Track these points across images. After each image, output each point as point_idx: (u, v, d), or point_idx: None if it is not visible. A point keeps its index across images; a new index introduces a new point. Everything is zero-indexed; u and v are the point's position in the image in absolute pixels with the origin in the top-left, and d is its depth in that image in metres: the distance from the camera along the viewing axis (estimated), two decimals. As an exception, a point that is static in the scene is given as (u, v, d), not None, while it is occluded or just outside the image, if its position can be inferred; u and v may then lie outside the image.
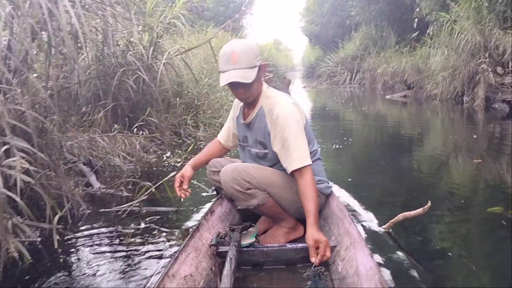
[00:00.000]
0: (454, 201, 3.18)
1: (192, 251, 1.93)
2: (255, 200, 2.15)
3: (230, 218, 2.50)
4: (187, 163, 2.55)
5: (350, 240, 1.92)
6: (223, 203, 2.57)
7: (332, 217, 2.28)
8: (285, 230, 2.29)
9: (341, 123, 8.61)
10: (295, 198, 2.14)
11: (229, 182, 2.13)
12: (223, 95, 7.73)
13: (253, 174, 2.15)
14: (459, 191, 3.51)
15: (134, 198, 3.17)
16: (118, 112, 5.10)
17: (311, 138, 2.32)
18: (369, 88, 18.01)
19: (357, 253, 1.79)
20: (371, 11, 20.50)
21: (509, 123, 7.03)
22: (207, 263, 1.95)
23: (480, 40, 9.01)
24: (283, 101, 2.21)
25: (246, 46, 2.12)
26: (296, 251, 2.01)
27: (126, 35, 5.06)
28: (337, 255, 1.96)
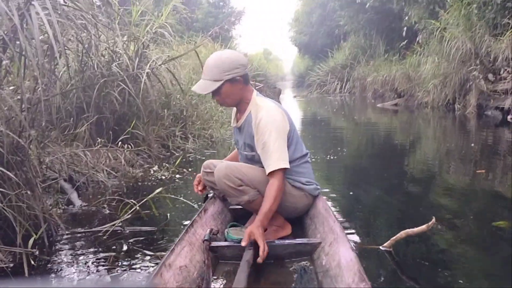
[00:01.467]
0: (457, 215, 3.02)
1: (187, 245, 2.07)
2: (246, 197, 2.31)
3: (222, 217, 2.68)
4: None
5: (334, 236, 2.05)
6: (215, 203, 2.74)
7: (318, 216, 2.41)
8: (273, 228, 2.41)
9: (333, 133, 8.48)
10: (285, 198, 2.33)
11: (222, 178, 2.29)
12: (213, 106, 7.56)
13: (245, 172, 2.31)
14: (462, 204, 3.36)
15: (117, 216, 2.97)
16: (103, 125, 4.91)
17: (299, 143, 2.49)
18: (360, 97, 17.97)
19: (339, 247, 1.92)
20: (360, 20, 20.56)
21: (503, 131, 6.95)
22: (200, 257, 2.08)
23: (470, 47, 8.96)
24: (268, 108, 2.37)
25: (218, 60, 2.31)
26: (283, 247, 2.17)
27: (111, 45, 4.89)
28: (321, 250, 2.09)
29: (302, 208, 2.53)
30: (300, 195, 2.46)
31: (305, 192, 2.48)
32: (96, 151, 4.35)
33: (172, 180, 4.22)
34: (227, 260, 2.18)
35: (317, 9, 28.85)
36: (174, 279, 1.80)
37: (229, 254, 2.18)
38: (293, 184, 2.44)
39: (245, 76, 2.38)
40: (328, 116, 11.81)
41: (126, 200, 3.00)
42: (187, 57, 8.43)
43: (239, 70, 2.32)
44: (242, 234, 2.19)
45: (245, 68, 2.37)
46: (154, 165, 4.74)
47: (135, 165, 4.59)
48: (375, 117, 10.90)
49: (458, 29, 9.37)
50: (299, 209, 2.52)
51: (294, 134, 2.44)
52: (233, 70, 2.29)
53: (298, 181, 2.46)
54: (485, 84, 8.65)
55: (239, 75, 2.32)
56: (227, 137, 6.92)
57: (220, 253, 2.19)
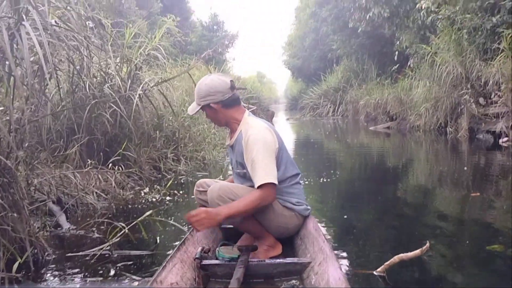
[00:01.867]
0: (452, 239, 2.99)
1: (178, 262, 2.10)
2: (238, 218, 2.33)
3: (213, 235, 2.72)
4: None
5: (323, 256, 2.08)
6: None
7: (309, 236, 2.45)
8: (264, 248, 2.46)
9: (326, 155, 8.47)
10: (275, 218, 2.42)
11: (215, 199, 2.32)
12: (205, 127, 7.55)
13: (237, 193, 2.33)
14: (456, 227, 3.32)
15: (106, 240, 2.91)
16: (94, 146, 4.87)
17: (290, 163, 2.55)
18: (352, 120, 18.05)
19: (328, 267, 1.94)
20: (352, 44, 20.81)
21: (495, 154, 6.98)
22: (191, 274, 2.12)
23: (461, 71, 9.07)
24: (258, 126, 2.47)
25: (198, 86, 2.53)
26: (273, 266, 2.18)
27: (103, 67, 4.89)
28: (311, 270, 2.12)
29: (292, 229, 2.56)
30: (290, 215, 2.50)
31: (295, 213, 2.52)
32: (86, 172, 4.29)
33: (163, 202, 4.16)
34: (218, 278, 2.21)
35: (310, 34, 29.18)
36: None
37: (219, 272, 2.21)
38: (283, 204, 2.48)
39: (226, 101, 2.48)
40: (321, 138, 11.84)
41: (115, 223, 2.94)
42: (180, 79, 8.46)
43: (214, 97, 2.46)
44: (233, 253, 2.29)
45: (224, 94, 2.47)
46: (145, 187, 4.68)
47: (126, 187, 4.53)
48: (368, 140, 10.92)
49: (449, 53, 9.49)
50: (290, 229, 2.55)
51: (284, 154, 2.51)
52: (206, 97, 2.47)
53: (289, 202, 2.50)
54: (476, 108, 8.71)
55: (214, 102, 2.47)
56: (219, 159, 6.89)
57: (211, 271, 2.21)
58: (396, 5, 13.09)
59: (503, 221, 3.40)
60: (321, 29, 25.60)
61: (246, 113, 2.57)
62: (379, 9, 13.27)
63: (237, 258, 2.23)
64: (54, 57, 3.03)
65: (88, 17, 4.12)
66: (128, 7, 20.40)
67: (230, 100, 2.50)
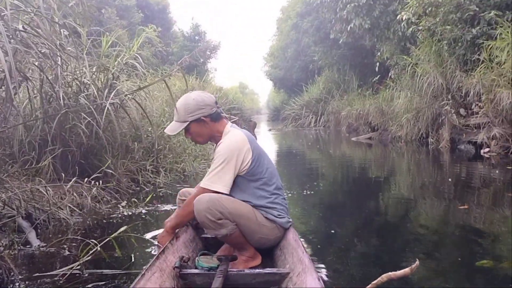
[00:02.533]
0: (440, 254, 2.90)
1: (157, 271, 2.07)
2: (224, 230, 2.34)
3: (193, 245, 2.70)
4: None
5: (302, 266, 2.07)
6: (188, 230, 2.77)
7: (288, 247, 2.44)
8: (244, 258, 2.47)
9: (309, 166, 8.38)
10: (259, 229, 2.44)
11: (202, 211, 2.31)
12: (186, 139, 7.40)
13: (225, 205, 2.33)
14: (444, 242, 3.24)
15: (77, 258, 2.74)
16: (69, 158, 4.69)
17: (272, 174, 2.58)
18: (334, 130, 18.10)
19: (307, 278, 1.95)
20: (333, 55, 20.99)
21: (476, 165, 6.99)
22: (170, 283, 2.10)
23: (442, 82, 9.12)
24: (232, 134, 2.55)
25: (184, 102, 2.59)
26: (252, 276, 2.19)
27: (78, 76, 4.72)
28: (289, 280, 2.12)
29: (273, 240, 2.56)
30: (272, 227, 2.51)
31: (277, 225, 2.52)
32: (60, 186, 4.11)
33: (140, 216, 4.00)
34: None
35: (292, 45, 29.37)
36: None
37: (199, 282, 2.21)
38: (265, 216, 2.50)
39: (213, 114, 2.59)
40: (304, 149, 11.77)
41: (87, 240, 2.77)
42: (160, 89, 8.32)
43: (204, 110, 2.55)
44: (212, 262, 2.29)
45: (212, 107, 2.58)
46: (123, 201, 4.51)
47: (102, 201, 4.35)
48: (350, 151, 10.90)
49: (430, 64, 9.56)
50: (271, 241, 2.55)
51: (264, 166, 2.54)
52: (197, 111, 2.55)
53: (271, 214, 2.51)
54: (457, 119, 8.76)
55: (204, 115, 2.56)
56: (200, 170, 6.73)
57: (190, 280, 2.21)
58: (376, 17, 13.22)
59: (492, 235, 3.33)
60: (302, 40, 25.80)
61: (228, 125, 2.64)
62: (360, 21, 13.38)
63: (216, 267, 2.23)
64: (23, 65, 2.87)
65: (62, 24, 3.98)
66: (108, 16, 20.21)
67: (216, 114, 2.60)
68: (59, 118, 4.52)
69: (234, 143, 2.48)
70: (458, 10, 9.00)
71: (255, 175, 2.49)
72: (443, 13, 9.17)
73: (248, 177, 2.49)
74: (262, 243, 2.52)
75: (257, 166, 2.49)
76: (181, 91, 11.86)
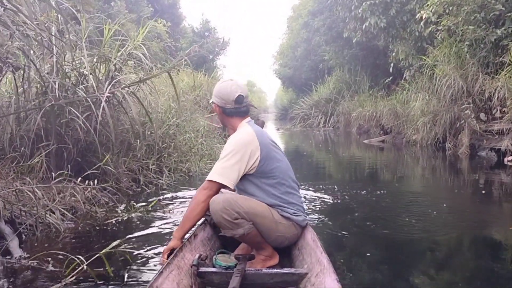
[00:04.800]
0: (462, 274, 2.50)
1: (175, 269, 2.07)
2: (241, 230, 2.30)
3: (211, 243, 2.67)
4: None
5: (321, 267, 2.04)
6: (205, 229, 2.73)
7: (306, 247, 2.41)
8: (262, 258, 2.44)
9: (321, 171, 7.95)
10: (276, 227, 2.40)
11: (218, 211, 2.27)
12: (192, 137, 7.01)
13: (241, 205, 2.30)
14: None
15: (63, 274, 2.36)
16: (64, 155, 4.32)
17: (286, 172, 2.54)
18: (344, 132, 17.63)
19: (325, 279, 1.92)
20: (345, 55, 20.52)
21: (501, 174, 6.51)
22: (188, 281, 2.09)
23: (462, 85, 8.66)
24: (242, 130, 2.53)
25: (216, 84, 2.67)
26: (270, 275, 2.16)
27: (78, 66, 4.35)
28: (308, 281, 2.09)
29: (291, 238, 2.52)
30: (288, 224, 2.47)
31: (293, 222, 2.48)
32: (52, 186, 3.73)
33: (139, 223, 3.61)
34: (214, 286, 2.20)
35: (302, 44, 28.89)
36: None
37: (216, 281, 2.19)
38: (281, 214, 2.45)
39: (225, 109, 2.58)
40: (314, 151, 11.31)
41: (71, 256, 2.38)
42: (167, 84, 7.95)
43: (218, 100, 2.58)
44: (230, 261, 2.27)
45: (226, 103, 2.56)
46: (121, 204, 4.14)
47: (98, 204, 3.97)
48: (365, 154, 10.43)
49: (449, 66, 9.09)
50: (288, 239, 2.51)
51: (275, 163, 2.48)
52: (215, 97, 2.60)
53: (286, 212, 2.46)
54: (477, 124, 8.30)
55: (218, 104, 2.59)
56: (206, 171, 6.34)
57: (208, 279, 2.19)
58: (393, 16, 12.73)
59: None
60: (313, 39, 25.33)
61: (245, 121, 2.60)
62: (376, 19, 12.88)
63: (234, 266, 2.19)
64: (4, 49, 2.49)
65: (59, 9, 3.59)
66: (118, 9, 19.87)
67: (230, 111, 2.57)
68: (55, 112, 4.16)
69: (241, 138, 2.45)
70: (482, 9, 8.53)
71: (267, 173, 2.45)
72: (466, 12, 8.69)
73: (260, 176, 2.44)
74: (280, 242, 2.48)
75: (266, 164, 2.44)
76: (189, 87, 11.53)
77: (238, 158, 2.37)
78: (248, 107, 2.62)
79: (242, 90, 2.56)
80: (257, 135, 2.46)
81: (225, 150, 2.42)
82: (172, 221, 3.65)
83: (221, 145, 8.56)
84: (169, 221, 3.67)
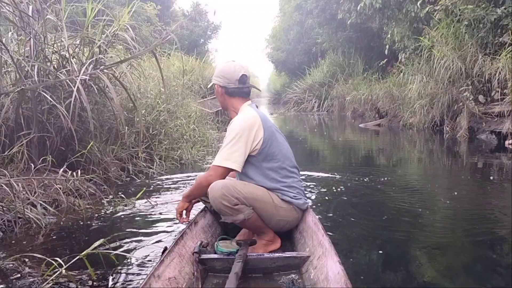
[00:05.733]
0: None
1: (176, 257, 2.05)
2: (242, 215, 2.29)
3: (212, 230, 2.66)
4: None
5: (322, 250, 2.03)
6: (206, 215, 2.72)
7: (308, 230, 2.40)
8: (263, 242, 2.43)
9: (318, 157, 7.74)
10: (276, 212, 2.39)
11: (218, 198, 2.26)
12: (183, 123, 6.75)
13: (240, 190, 2.29)
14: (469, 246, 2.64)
15: (39, 278, 2.13)
16: (47, 145, 4.06)
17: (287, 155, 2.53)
18: (338, 116, 17.40)
19: (327, 261, 1.91)
20: (339, 38, 20.23)
21: (502, 157, 6.32)
22: (190, 268, 2.07)
23: (461, 66, 8.43)
24: (245, 113, 2.49)
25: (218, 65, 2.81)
26: (272, 260, 2.15)
27: (59, 49, 4.06)
28: (310, 264, 2.09)
29: (292, 222, 2.51)
30: (289, 208, 2.45)
31: (294, 206, 2.47)
32: (34, 177, 3.49)
33: (126, 217, 3.38)
34: (216, 273, 2.19)
35: (295, 26, 28.47)
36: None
37: (218, 267, 2.19)
38: (282, 198, 2.44)
39: (228, 89, 2.54)
40: (308, 136, 11.09)
41: (48, 259, 2.15)
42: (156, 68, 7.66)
43: (221, 80, 2.55)
44: (232, 247, 2.26)
45: (229, 83, 2.53)
46: (109, 195, 3.90)
47: (84, 195, 3.73)
48: (360, 138, 10.21)
49: (447, 47, 8.86)
50: (289, 223, 2.50)
51: (277, 146, 2.46)
52: (217, 77, 2.58)
53: (287, 195, 2.45)
54: (476, 106, 8.10)
55: (220, 85, 2.56)
56: (198, 158, 6.11)
57: (210, 265, 2.19)
58: (388, -4, 12.44)
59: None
60: (306, 22, 24.96)
61: (247, 103, 2.57)
62: (371, 0, 12.58)
63: (235, 252, 2.18)
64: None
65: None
66: (105, -8, 19.35)
67: (233, 90, 2.54)
68: (36, 98, 3.89)
69: (245, 121, 2.42)
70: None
71: (268, 156, 2.42)
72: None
73: (261, 158, 2.42)
74: (281, 226, 2.48)
75: (269, 146, 2.42)
76: (180, 72, 11.22)
77: (243, 141, 2.35)
78: (250, 88, 2.60)
79: (245, 70, 2.57)
80: (260, 117, 2.46)
81: (230, 134, 2.38)
82: (162, 214, 3.42)
83: (214, 131, 8.32)
84: (159, 213, 3.44)
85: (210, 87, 2.74)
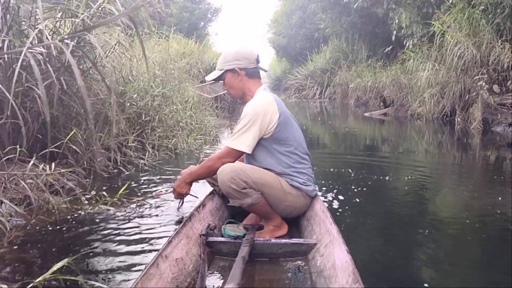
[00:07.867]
0: None
1: (184, 238, 2.07)
2: (249, 199, 2.30)
3: (219, 213, 2.69)
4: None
5: (330, 238, 2.02)
6: (214, 199, 2.74)
7: (315, 217, 2.39)
8: (271, 228, 2.43)
9: (323, 146, 7.27)
10: (284, 197, 2.41)
11: (226, 181, 2.27)
12: (179, 108, 6.26)
13: (249, 174, 2.30)
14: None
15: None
16: (22, 132, 3.58)
17: (299, 141, 2.52)
18: (341, 103, 16.89)
19: (334, 249, 1.89)
20: (342, 23, 19.66)
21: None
22: (197, 250, 2.08)
23: (476, 54, 7.93)
24: (261, 97, 2.50)
25: (225, 51, 2.68)
26: (279, 246, 2.15)
27: (37, 23, 3.56)
28: (317, 251, 2.08)
29: (300, 208, 2.52)
30: (297, 194, 2.46)
31: (302, 192, 2.47)
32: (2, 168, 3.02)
33: (112, 218, 2.92)
34: (223, 256, 2.20)
35: (297, 11, 27.83)
36: (170, 270, 1.79)
37: (225, 250, 2.20)
38: (291, 184, 2.44)
39: (249, 69, 2.54)
40: (310, 123, 10.59)
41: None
42: (152, 50, 7.19)
43: (241, 62, 2.52)
44: (239, 231, 2.26)
45: (250, 63, 2.54)
46: (91, 191, 3.44)
47: (62, 190, 3.26)
48: (365, 127, 9.73)
49: (461, 33, 8.34)
50: (297, 209, 2.50)
51: (290, 132, 2.47)
52: (233, 61, 2.53)
53: (296, 181, 2.45)
54: (491, 97, 7.62)
55: (240, 67, 2.52)
56: (195, 148, 5.63)
57: (216, 248, 2.20)
58: (397, -21, 11.87)
59: None
60: (308, 7, 24.36)
61: (262, 87, 2.58)
62: (379, -17, 12.02)
63: (242, 236, 2.19)
64: None
65: None
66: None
67: (253, 70, 2.56)
68: (8, 78, 3.41)
69: (261, 105, 2.42)
70: (500, -31, 7.75)
71: (281, 140, 2.43)
72: (482, -27, 7.91)
73: (273, 142, 2.43)
74: (289, 212, 2.48)
75: (283, 130, 2.43)
76: (179, 55, 10.71)
77: (258, 125, 2.37)
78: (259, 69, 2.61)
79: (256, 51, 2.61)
80: (276, 102, 2.47)
81: (246, 117, 2.39)
82: (151, 216, 2.96)
83: (212, 118, 7.86)
84: (148, 215, 2.98)
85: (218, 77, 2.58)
